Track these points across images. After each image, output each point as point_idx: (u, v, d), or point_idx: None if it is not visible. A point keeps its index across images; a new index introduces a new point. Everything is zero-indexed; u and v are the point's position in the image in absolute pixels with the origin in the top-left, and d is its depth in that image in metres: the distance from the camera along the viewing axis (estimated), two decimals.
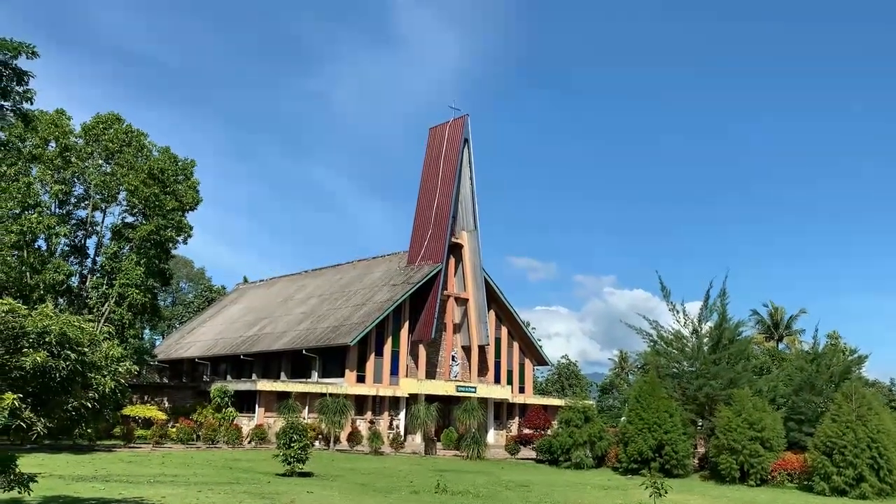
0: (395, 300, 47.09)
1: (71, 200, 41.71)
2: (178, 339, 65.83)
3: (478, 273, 50.64)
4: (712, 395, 35.85)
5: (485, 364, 52.03)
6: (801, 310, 68.60)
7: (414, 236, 51.59)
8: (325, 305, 53.63)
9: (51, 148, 39.67)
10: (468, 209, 51.30)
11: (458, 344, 51.23)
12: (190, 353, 59.40)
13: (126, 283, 38.59)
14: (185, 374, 61.30)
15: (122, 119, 41.36)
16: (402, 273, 51.01)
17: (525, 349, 55.20)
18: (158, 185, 39.27)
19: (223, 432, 39.06)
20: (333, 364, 46.66)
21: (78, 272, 42.15)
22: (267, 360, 52.34)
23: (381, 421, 45.37)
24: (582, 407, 38.73)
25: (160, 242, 39.99)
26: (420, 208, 51.71)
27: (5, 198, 37.97)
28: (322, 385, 44.03)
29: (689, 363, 38.31)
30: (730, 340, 37.86)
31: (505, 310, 53.62)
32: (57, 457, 28.23)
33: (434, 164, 51.94)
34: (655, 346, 39.64)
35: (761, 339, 64.22)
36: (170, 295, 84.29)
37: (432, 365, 49.85)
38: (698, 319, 38.92)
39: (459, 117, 51.85)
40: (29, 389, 10.56)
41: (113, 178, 39.80)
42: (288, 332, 51.67)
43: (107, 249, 41.06)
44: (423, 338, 48.23)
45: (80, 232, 42.45)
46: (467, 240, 51.01)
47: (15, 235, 37.31)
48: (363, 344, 46.12)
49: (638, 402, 34.63)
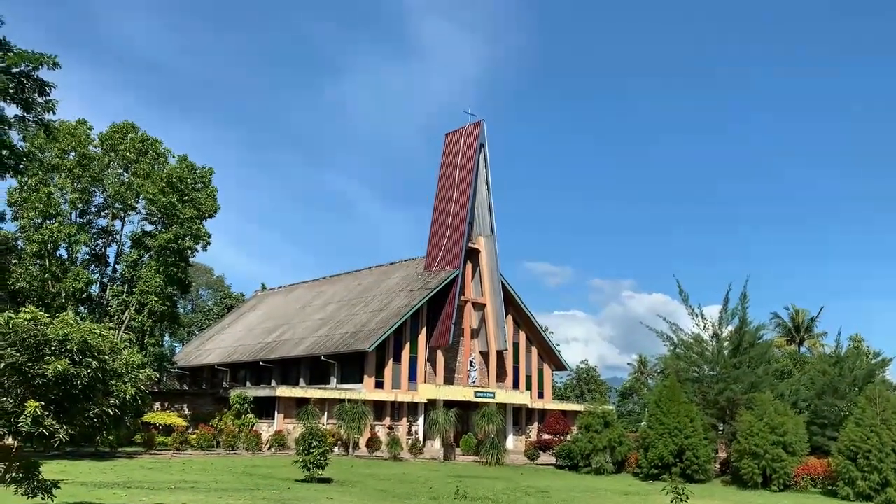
0: (413, 306, 47.10)
1: (91, 209, 42.16)
2: (198, 346, 66.24)
3: (495, 278, 50.55)
4: (733, 399, 35.53)
5: (503, 369, 51.90)
6: (821, 308, 67.79)
7: (431, 242, 51.61)
8: (344, 311, 53.75)
9: (70, 157, 40.11)
10: (484, 214, 51.26)
11: (476, 349, 51.15)
12: (209, 359, 59.74)
13: (146, 290, 38.92)
14: (204, 380, 61.65)
15: (137, 128, 41.75)
16: (419, 279, 51.04)
17: (543, 354, 55.00)
18: (177, 194, 39.59)
19: (243, 439, 39.23)
20: (352, 370, 46.73)
21: (98, 280, 42.58)
22: (286, 367, 52.52)
23: (400, 427, 45.36)
24: (601, 412, 38.53)
25: (179, 250, 40.29)
26: (436, 214, 51.74)
27: (27, 207, 38.47)
28: (341, 391, 44.11)
29: (710, 367, 38.00)
30: (750, 344, 37.54)
31: (522, 315, 53.48)
32: (79, 463, 28.47)
33: (450, 170, 51.98)
34: (675, 349, 39.38)
35: (782, 343, 63.57)
36: (189, 302, 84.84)
37: (450, 370, 49.80)
38: (718, 323, 38.63)
39: (475, 123, 51.89)
40: (51, 397, 10.66)
41: (131, 186, 40.18)
42: (306, 339, 51.83)
43: (126, 258, 41.45)
44: (440, 343, 48.20)
45: (100, 240, 42.89)
46: (484, 245, 50.96)
47: (37, 244, 37.78)
48: (381, 350, 46.16)
49: (658, 406, 34.41)
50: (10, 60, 26.54)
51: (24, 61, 26.46)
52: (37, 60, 26.60)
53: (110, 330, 12.00)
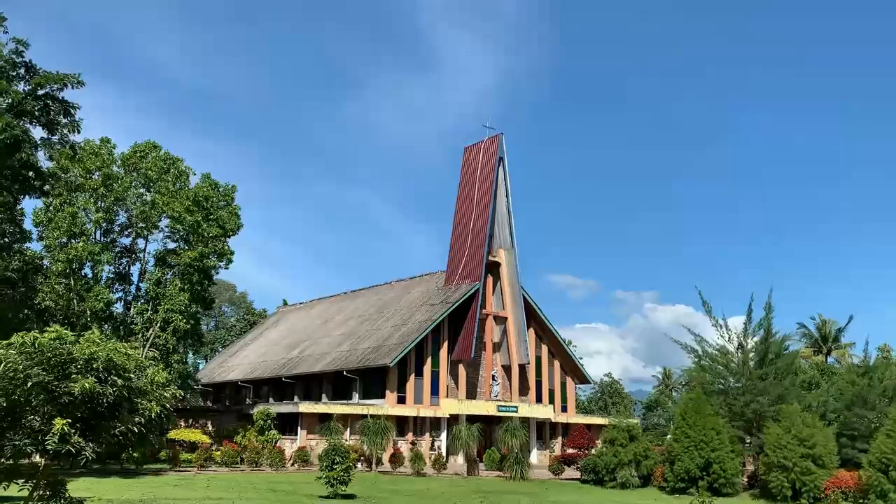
0: (434, 320, 47.05)
1: (114, 228, 42.64)
2: (221, 362, 66.60)
3: (516, 291, 50.40)
4: (760, 411, 35.04)
5: (526, 383, 51.63)
6: (849, 318, 66.90)
7: (451, 255, 51.60)
8: (365, 326, 53.82)
9: (94, 177, 40.62)
10: (504, 227, 51.20)
11: (499, 363, 50.94)
12: (232, 376, 60.02)
13: (170, 308, 39.24)
14: (227, 397, 61.93)
15: (159, 147, 42.24)
16: (440, 293, 51.00)
17: (566, 367, 54.66)
18: (202, 213, 39.97)
19: (266, 455, 39.29)
20: (374, 385, 46.72)
21: (122, 298, 43.00)
22: (308, 382, 52.63)
23: (423, 442, 45.20)
24: (626, 425, 38.15)
25: (203, 269, 40.61)
26: (456, 227, 51.76)
27: (52, 227, 39.01)
28: (363, 406, 44.08)
29: (735, 379, 37.53)
30: (776, 355, 37.05)
31: (545, 328, 53.23)
32: (105, 481, 28.63)
33: (469, 184, 52.03)
34: (700, 361, 38.95)
35: (809, 353, 62.74)
36: (212, 319, 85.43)
37: (472, 385, 49.61)
38: (743, 334, 38.18)
39: (494, 136, 51.92)
40: (78, 415, 10.71)
41: (155, 205, 40.61)
42: (328, 354, 51.93)
43: (151, 276, 41.82)
44: (462, 357, 48.07)
45: (123, 259, 43.34)
46: (504, 258, 50.87)
47: (62, 264, 38.26)
48: (403, 364, 46.11)
49: (684, 419, 34.00)
50: (35, 82, 27.04)
51: (49, 82, 26.96)
52: (61, 80, 27.10)
53: (135, 348, 12.07)
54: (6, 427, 10.71)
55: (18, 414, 10.67)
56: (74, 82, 27.21)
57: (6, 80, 26.51)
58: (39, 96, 27.36)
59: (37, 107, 27.19)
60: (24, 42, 26.72)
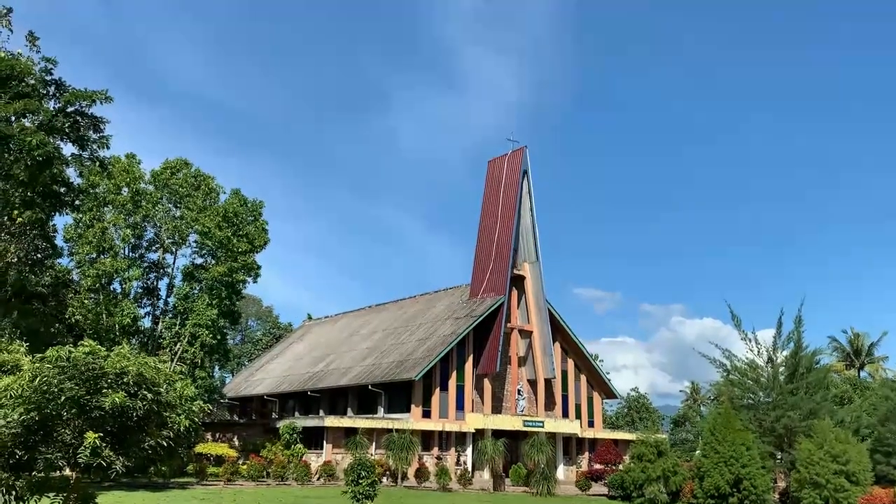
0: (459, 334, 46.90)
1: (143, 244, 43.15)
2: (247, 376, 66.93)
3: (541, 304, 50.12)
4: (791, 426, 34.49)
5: (552, 398, 51.23)
6: (883, 332, 65.68)
7: (476, 269, 51.49)
8: (390, 340, 53.82)
9: (123, 193, 41.17)
10: (529, 240, 51.02)
11: (524, 377, 50.61)
12: (258, 390, 60.27)
13: (198, 323, 39.55)
14: (254, 411, 62.17)
15: (189, 164, 42.74)
16: (464, 306, 50.88)
17: (593, 382, 54.16)
18: (231, 229, 40.37)
19: (292, 469, 39.31)
20: (399, 399, 46.63)
21: (150, 313, 43.41)
22: (333, 396, 52.68)
23: (448, 457, 44.97)
24: (654, 441, 37.69)
25: (231, 283, 40.94)
26: (481, 241, 51.69)
27: (82, 243, 39.58)
28: (388, 420, 43.99)
29: (765, 393, 37.02)
30: (807, 369, 36.50)
31: (570, 342, 52.83)
32: (134, 494, 28.81)
33: (493, 197, 51.98)
34: (729, 375, 38.47)
35: (841, 368, 61.64)
36: (239, 333, 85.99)
37: (498, 399, 49.33)
38: (773, 348, 37.65)
39: (517, 149, 51.89)
40: (108, 428, 10.82)
41: (183, 221, 41.04)
42: (353, 368, 51.97)
43: (179, 290, 42.20)
44: (487, 371, 47.83)
45: (152, 274, 43.80)
46: (529, 271, 50.65)
47: (91, 279, 38.77)
48: (428, 378, 45.97)
49: (713, 434, 33.51)
50: (65, 99, 27.52)
51: (77, 99, 27.42)
52: (90, 97, 27.55)
53: (164, 362, 12.19)
54: (38, 441, 10.84)
55: (50, 428, 10.79)
56: (102, 98, 27.64)
57: (37, 98, 27.01)
58: (69, 113, 27.84)
59: (66, 123, 27.65)
60: (53, 60, 27.24)
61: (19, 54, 26.70)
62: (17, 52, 26.69)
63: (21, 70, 26.46)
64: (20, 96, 26.38)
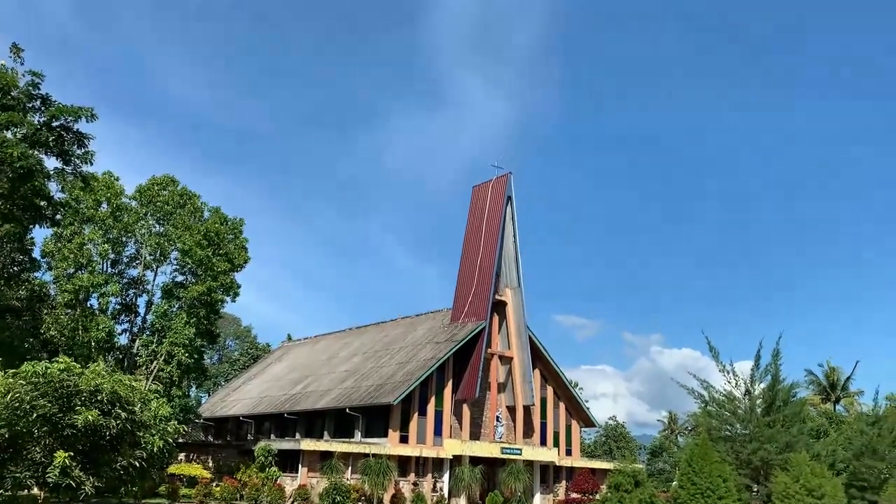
0: (439, 358, 46.72)
1: (123, 260, 42.76)
2: (224, 396, 66.18)
3: (522, 331, 50.13)
4: (767, 459, 34.53)
5: (530, 425, 51.05)
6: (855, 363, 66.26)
7: (458, 293, 51.48)
8: (369, 363, 53.51)
9: (103, 209, 40.86)
10: (511, 266, 51.15)
11: (503, 404, 50.43)
12: (234, 411, 59.59)
13: (175, 342, 39.14)
14: (229, 432, 61.40)
15: (176, 181, 42.55)
16: (445, 330, 50.76)
17: (571, 410, 54.06)
18: (212, 248, 40.13)
19: (266, 492, 38.79)
20: (377, 423, 46.24)
21: (128, 330, 42.93)
22: (310, 419, 52.18)
23: (425, 483, 44.58)
24: (632, 470, 37.60)
25: (210, 303, 40.62)
26: (463, 265, 51.74)
27: (60, 257, 39.18)
28: (365, 445, 43.59)
29: (743, 425, 37.06)
30: (784, 402, 36.63)
31: (550, 369, 52.79)
32: None
33: (477, 222, 52.15)
34: (706, 407, 38.51)
35: (817, 401, 62.04)
36: (216, 352, 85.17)
37: (476, 425, 49.08)
38: (750, 380, 37.79)
39: (502, 175, 52.19)
40: (79, 447, 10.66)
41: (165, 238, 40.77)
42: (332, 391, 51.56)
43: (157, 308, 41.81)
44: (467, 397, 47.62)
45: (131, 291, 43.37)
46: (511, 297, 50.70)
47: (69, 294, 38.33)
48: (407, 403, 45.66)
49: (690, 465, 33.43)
50: (50, 113, 27.42)
51: (63, 114, 27.34)
52: (75, 113, 27.48)
53: (138, 380, 12.04)
54: (7, 459, 10.66)
55: (20, 445, 10.62)
56: (88, 115, 27.58)
57: (22, 111, 26.89)
58: (54, 128, 27.72)
59: (51, 137, 27.53)
60: (40, 74, 27.17)
61: (3, 66, 26.62)
62: (0, 63, 26.61)
63: (7, 82, 26.36)
64: (4, 108, 26.27)
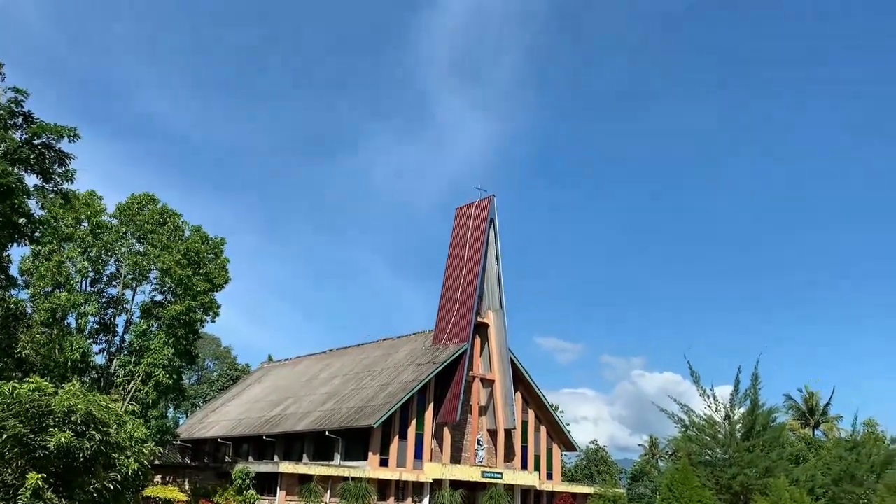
0: (421, 380, 46.48)
1: (102, 278, 42.27)
2: (202, 418, 65.37)
3: (504, 353, 50.01)
4: (747, 484, 34.58)
5: (511, 449, 50.79)
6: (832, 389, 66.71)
7: (440, 315, 51.35)
8: (350, 385, 53.13)
9: (83, 227, 40.45)
10: (494, 289, 51.13)
11: (484, 427, 50.14)
12: (212, 433, 58.85)
13: (153, 362, 38.65)
14: (207, 454, 60.58)
15: (157, 199, 42.26)
16: (427, 353, 50.56)
17: (553, 433, 53.87)
18: (192, 267, 39.77)
19: None
20: (357, 446, 45.82)
21: (106, 349, 42.35)
22: (290, 441, 51.63)
23: None
24: (612, 495, 37.56)
25: (190, 322, 40.19)
26: (446, 287, 51.67)
27: (38, 276, 38.67)
28: (345, 468, 43.16)
29: (723, 450, 37.14)
30: (763, 427, 36.79)
31: (532, 392, 52.65)
32: None
33: (460, 244, 52.18)
34: (687, 431, 38.58)
35: (797, 426, 62.28)
36: (195, 373, 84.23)
37: (457, 449, 48.74)
38: (730, 405, 37.92)
39: (485, 198, 52.35)
40: (52, 469, 10.45)
41: (145, 257, 40.38)
42: (311, 413, 51.09)
43: (136, 327, 41.32)
44: (448, 420, 47.33)
45: (109, 310, 42.84)
46: (493, 319, 50.63)
47: (46, 313, 37.80)
48: (387, 425, 45.32)
49: (670, 490, 33.40)
50: (32, 130, 27.22)
51: (45, 132, 27.14)
52: (58, 132, 27.28)
53: (115, 401, 11.87)
54: None
55: None
56: (71, 134, 27.40)
57: (3, 127, 26.64)
58: (35, 145, 27.48)
59: (32, 155, 27.28)
60: (24, 92, 26.96)
61: None
62: None
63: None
64: None
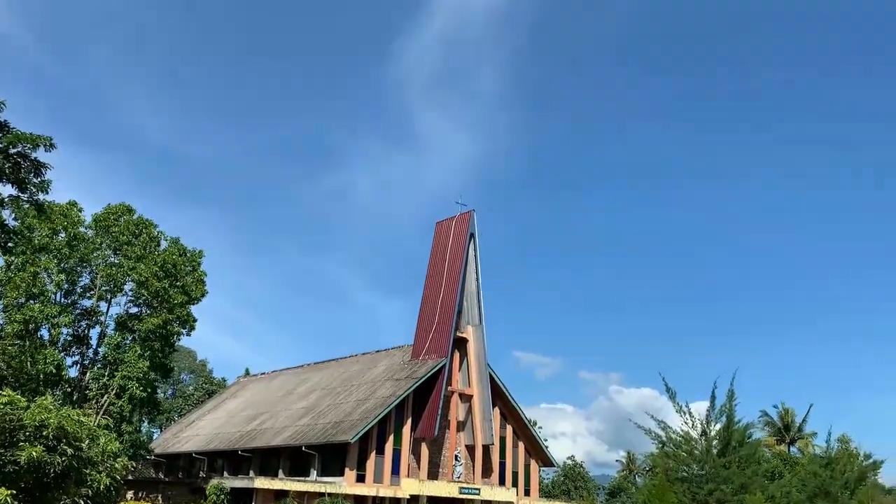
0: (399, 395, 46.25)
1: (76, 290, 41.74)
2: (176, 432, 64.56)
3: (483, 369, 49.91)
4: (723, 500, 34.70)
5: (489, 464, 50.61)
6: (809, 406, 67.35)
7: (419, 330, 51.17)
8: (327, 400, 52.75)
9: (59, 238, 39.97)
10: (473, 303, 51.08)
11: (462, 443, 49.95)
12: (187, 447, 58.11)
13: (128, 375, 38.15)
14: (181, 469, 59.78)
15: (132, 210, 41.88)
16: (405, 367, 50.35)
17: (531, 449, 53.76)
18: (169, 279, 39.37)
19: None
20: (333, 462, 45.44)
21: (79, 362, 41.74)
22: (265, 457, 51.10)
23: None
24: None
25: (165, 335, 39.76)
26: (425, 301, 51.54)
27: (10, 287, 38.08)
28: (321, 484, 42.78)
29: (699, 466, 37.26)
30: (739, 443, 36.98)
31: (510, 407, 52.54)
32: None
33: (440, 258, 52.14)
34: (664, 447, 38.70)
35: (772, 442, 62.75)
36: (170, 387, 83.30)
37: (435, 464, 48.48)
38: (706, 421, 38.11)
39: (466, 212, 52.39)
40: (22, 485, 10.25)
41: (120, 268, 39.95)
42: (288, 428, 50.63)
43: (110, 340, 40.80)
44: (426, 435, 47.10)
45: (83, 322, 42.27)
46: (472, 334, 50.55)
47: (18, 325, 37.20)
48: (364, 441, 45.01)
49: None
50: (7, 140, 26.88)
51: (20, 142, 26.82)
52: (33, 141, 26.96)
53: (87, 415, 11.70)
54: None
55: None
56: (47, 144, 27.11)
57: None
58: (10, 155, 27.14)
59: (7, 164, 26.93)
60: (2, 103, 26.64)
61: None
62: None
63: None
64: None
